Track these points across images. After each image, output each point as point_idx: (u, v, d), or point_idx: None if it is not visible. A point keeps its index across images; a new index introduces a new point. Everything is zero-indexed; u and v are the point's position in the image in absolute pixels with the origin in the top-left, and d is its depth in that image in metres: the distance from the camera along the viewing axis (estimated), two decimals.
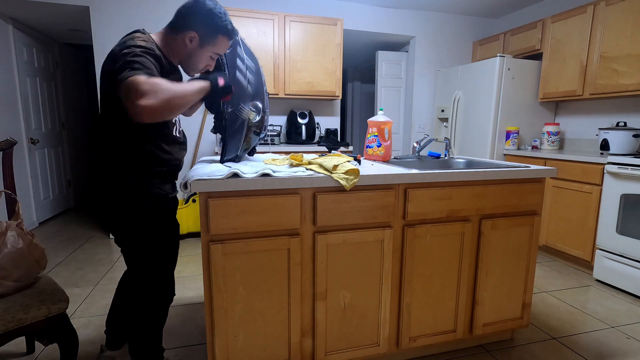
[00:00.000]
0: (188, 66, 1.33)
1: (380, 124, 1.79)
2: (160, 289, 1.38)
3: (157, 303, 1.38)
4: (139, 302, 1.37)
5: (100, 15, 3.09)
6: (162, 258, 1.35)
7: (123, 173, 1.24)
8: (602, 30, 2.71)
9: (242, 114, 1.37)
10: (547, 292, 2.33)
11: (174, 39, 1.26)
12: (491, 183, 1.53)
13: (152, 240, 1.30)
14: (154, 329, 1.40)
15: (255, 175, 1.21)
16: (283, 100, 3.64)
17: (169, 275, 1.40)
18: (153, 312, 1.38)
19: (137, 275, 1.35)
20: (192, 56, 1.29)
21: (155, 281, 1.35)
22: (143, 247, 1.30)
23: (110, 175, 1.25)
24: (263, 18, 3.13)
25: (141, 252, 1.31)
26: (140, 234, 1.28)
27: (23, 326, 1.18)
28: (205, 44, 1.27)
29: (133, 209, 1.25)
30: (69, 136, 4.54)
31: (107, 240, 3.30)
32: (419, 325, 1.54)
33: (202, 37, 1.25)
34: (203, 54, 1.29)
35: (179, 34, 1.25)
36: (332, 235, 1.34)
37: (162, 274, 1.36)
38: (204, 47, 1.27)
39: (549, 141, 3.23)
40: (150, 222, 1.28)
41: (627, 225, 2.29)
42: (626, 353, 1.71)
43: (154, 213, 1.29)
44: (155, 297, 1.37)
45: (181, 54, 1.29)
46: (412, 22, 3.93)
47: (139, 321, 1.38)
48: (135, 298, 1.38)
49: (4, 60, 3.25)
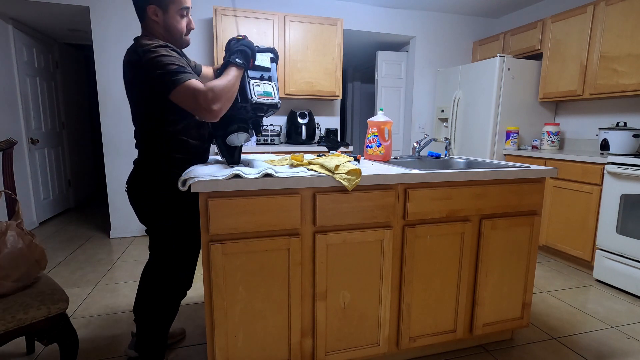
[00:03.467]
0: (175, 39, 1.35)
1: (380, 124, 1.79)
2: (179, 280, 1.43)
3: (172, 295, 1.42)
4: (155, 292, 1.42)
5: (100, 15, 3.09)
6: (188, 245, 1.41)
7: (158, 157, 1.33)
8: (602, 30, 2.71)
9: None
10: (547, 292, 2.33)
11: (148, 26, 1.31)
12: (491, 183, 1.53)
13: (181, 226, 1.37)
14: (163, 324, 1.43)
15: (257, 175, 1.21)
16: (283, 100, 3.64)
17: (190, 266, 1.46)
18: (165, 305, 1.42)
19: (159, 265, 1.41)
20: (168, 27, 1.32)
21: (175, 272, 1.41)
22: (173, 234, 1.37)
23: (146, 160, 1.34)
24: (263, 18, 3.13)
25: (169, 238, 1.37)
26: (171, 220, 1.35)
27: (23, 326, 1.18)
28: (166, 6, 1.29)
29: (167, 192, 1.33)
30: (69, 136, 4.54)
31: (107, 240, 3.30)
32: (419, 325, 1.54)
33: (159, 2, 1.28)
34: (173, 18, 1.31)
35: (146, 19, 1.30)
36: (332, 235, 1.34)
37: (183, 266, 1.42)
38: (168, 10, 1.29)
39: (549, 141, 3.23)
40: (182, 207, 1.35)
41: (627, 225, 2.29)
42: (626, 353, 1.71)
43: (185, 201, 1.36)
44: (172, 289, 1.42)
45: (162, 33, 1.32)
46: (412, 22, 3.93)
47: (149, 313, 1.42)
48: (151, 288, 1.43)
49: (4, 60, 3.25)
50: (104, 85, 3.16)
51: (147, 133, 1.33)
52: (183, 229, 1.38)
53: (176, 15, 1.31)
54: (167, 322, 1.44)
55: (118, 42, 3.14)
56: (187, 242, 1.41)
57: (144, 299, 1.44)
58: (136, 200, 1.37)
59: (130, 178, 1.38)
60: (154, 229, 1.39)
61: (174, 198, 1.34)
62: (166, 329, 1.45)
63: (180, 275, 1.43)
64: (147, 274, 1.47)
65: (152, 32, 1.32)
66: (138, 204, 1.37)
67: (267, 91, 1.41)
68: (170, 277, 1.41)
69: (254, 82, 1.37)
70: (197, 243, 1.46)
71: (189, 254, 1.43)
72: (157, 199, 1.33)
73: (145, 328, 1.43)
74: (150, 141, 1.33)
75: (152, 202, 1.34)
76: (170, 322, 1.46)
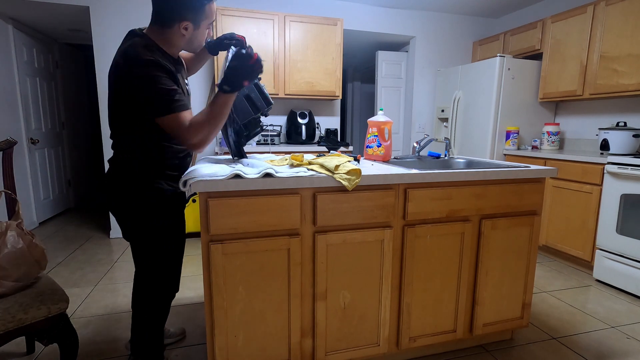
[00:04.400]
0: (190, 48, 1.33)
1: (380, 124, 1.79)
2: (164, 283, 1.40)
3: (159, 298, 1.40)
4: (142, 296, 1.40)
5: (100, 15, 3.09)
6: (168, 252, 1.38)
7: (134, 165, 1.28)
8: (602, 30, 2.71)
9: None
10: (547, 292, 2.33)
11: (168, 33, 1.24)
12: (491, 183, 1.53)
13: (160, 234, 1.33)
14: (156, 325, 1.42)
15: (257, 175, 1.21)
16: (283, 100, 3.64)
17: (174, 270, 1.43)
18: (155, 307, 1.40)
19: (143, 269, 1.38)
20: (192, 40, 1.30)
21: (159, 275, 1.38)
22: (151, 241, 1.33)
23: (122, 167, 1.29)
24: (263, 18, 3.13)
25: (149, 245, 1.34)
26: (149, 228, 1.31)
27: (23, 326, 1.18)
28: (199, 23, 1.26)
29: (143, 202, 1.29)
30: (69, 136, 4.53)
31: (107, 240, 3.30)
32: (419, 325, 1.54)
33: (194, 20, 1.24)
34: (201, 32, 1.30)
35: (172, 28, 1.23)
36: (332, 235, 1.34)
37: (167, 269, 1.39)
38: (200, 26, 1.27)
39: (549, 141, 3.23)
40: (158, 216, 1.31)
41: (627, 225, 2.29)
42: (626, 353, 1.71)
43: (162, 207, 1.32)
44: (158, 291, 1.40)
45: (180, 44, 1.29)
46: (412, 22, 3.93)
47: (141, 316, 1.41)
48: (139, 292, 1.41)
49: (4, 60, 3.25)
50: (104, 85, 3.16)
51: (130, 133, 1.27)
52: (166, 231, 1.34)
53: (204, 29, 1.30)
54: (158, 323, 1.42)
55: (118, 42, 3.14)
56: (170, 245, 1.37)
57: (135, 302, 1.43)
58: (118, 204, 1.31)
59: (109, 180, 1.31)
60: (137, 232, 1.33)
61: (157, 201, 1.30)
62: (160, 329, 1.43)
63: (164, 279, 1.39)
64: (135, 279, 1.45)
65: (169, 41, 1.26)
66: (119, 207, 1.31)
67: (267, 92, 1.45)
68: (155, 281, 1.38)
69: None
70: (181, 245, 1.43)
71: (172, 256, 1.40)
72: (141, 202, 1.28)
73: (139, 329, 1.42)
74: (133, 143, 1.27)
75: (136, 204, 1.29)
76: (162, 323, 1.43)
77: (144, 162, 1.28)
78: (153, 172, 1.30)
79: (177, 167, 1.37)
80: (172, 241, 1.38)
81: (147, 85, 1.15)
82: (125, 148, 1.28)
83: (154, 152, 1.29)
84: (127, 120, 1.25)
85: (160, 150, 1.30)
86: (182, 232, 1.43)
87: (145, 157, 1.28)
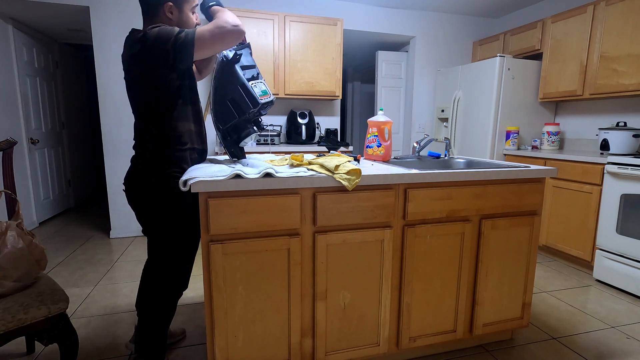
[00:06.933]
0: None
1: (380, 124, 1.79)
2: (176, 278, 1.43)
3: (169, 293, 1.43)
4: (152, 291, 1.42)
5: (100, 15, 3.09)
6: (186, 241, 1.41)
7: (158, 159, 1.32)
8: (602, 30, 2.71)
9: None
10: (547, 292, 2.33)
11: (157, 20, 1.32)
12: (491, 183, 1.53)
13: (179, 227, 1.37)
14: (162, 323, 1.43)
15: (257, 175, 1.21)
16: (283, 100, 3.64)
17: (188, 264, 1.46)
18: (164, 303, 1.42)
19: (158, 263, 1.41)
20: (182, 24, 1.35)
21: (173, 269, 1.41)
22: (171, 230, 1.37)
23: (145, 160, 1.33)
24: (263, 18, 3.13)
25: (168, 234, 1.37)
26: (168, 220, 1.35)
27: (23, 326, 1.18)
28: (182, 4, 1.33)
29: (165, 193, 1.32)
30: (69, 136, 4.53)
31: (107, 240, 3.30)
32: (419, 325, 1.54)
33: (176, 2, 1.31)
34: (187, 15, 1.36)
35: (159, 15, 1.31)
36: (332, 235, 1.34)
37: (182, 262, 1.43)
38: (183, 8, 1.34)
39: (549, 141, 3.23)
40: (178, 209, 1.35)
41: (627, 225, 2.29)
42: (626, 353, 1.71)
43: (183, 200, 1.35)
44: (169, 286, 1.42)
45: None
46: (412, 22, 3.93)
47: (148, 313, 1.42)
48: (149, 288, 1.43)
49: (4, 60, 3.25)
50: (104, 85, 3.17)
51: (148, 129, 1.33)
52: (181, 225, 1.38)
53: (189, 12, 1.36)
54: (165, 321, 1.44)
55: (118, 42, 3.14)
56: (185, 240, 1.41)
57: (143, 297, 1.45)
58: (135, 197, 1.37)
59: (129, 175, 1.37)
60: (153, 225, 1.38)
61: (172, 194, 1.33)
62: (165, 329, 1.45)
63: (177, 275, 1.43)
64: (146, 272, 1.47)
65: None
66: (137, 200, 1.37)
67: (263, 90, 1.43)
68: (167, 276, 1.41)
69: (252, 84, 1.39)
70: (196, 241, 1.46)
71: (186, 251, 1.43)
72: (158, 194, 1.33)
73: (144, 327, 1.43)
74: (150, 137, 1.33)
75: (152, 197, 1.33)
76: (168, 322, 1.46)
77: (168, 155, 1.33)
78: (175, 164, 1.34)
79: (193, 161, 1.42)
80: (191, 232, 1.42)
81: (165, 34, 1.21)
82: (151, 133, 1.33)
83: (175, 144, 1.34)
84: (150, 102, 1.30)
85: (180, 143, 1.35)
86: (198, 226, 1.45)
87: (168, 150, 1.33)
